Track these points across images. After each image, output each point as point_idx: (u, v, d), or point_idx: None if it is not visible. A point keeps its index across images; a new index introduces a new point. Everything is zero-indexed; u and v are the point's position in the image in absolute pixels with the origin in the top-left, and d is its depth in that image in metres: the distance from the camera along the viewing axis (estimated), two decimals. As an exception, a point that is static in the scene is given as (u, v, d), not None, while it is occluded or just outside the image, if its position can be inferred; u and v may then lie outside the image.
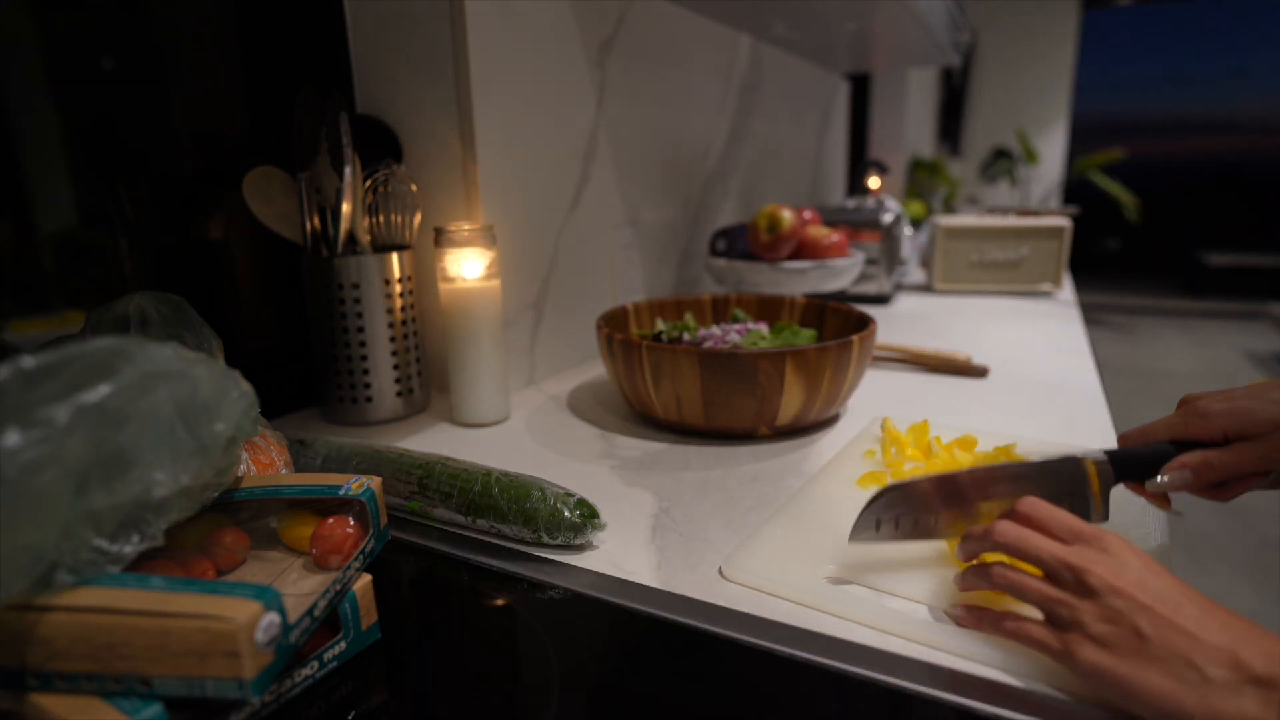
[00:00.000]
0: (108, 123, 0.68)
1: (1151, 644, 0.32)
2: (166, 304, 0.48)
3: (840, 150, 2.22)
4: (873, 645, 0.40)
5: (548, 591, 0.47)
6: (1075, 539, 0.38)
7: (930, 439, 0.64)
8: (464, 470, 0.54)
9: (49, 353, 0.29)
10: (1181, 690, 0.31)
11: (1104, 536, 0.37)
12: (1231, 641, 0.31)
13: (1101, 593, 0.34)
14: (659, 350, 0.66)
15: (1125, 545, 0.36)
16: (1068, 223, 1.42)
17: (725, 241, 1.19)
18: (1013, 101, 5.46)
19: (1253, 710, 0.30)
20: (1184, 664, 0.31)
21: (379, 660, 0.40)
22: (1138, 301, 5.34)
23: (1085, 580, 0.35)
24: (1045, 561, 0.37)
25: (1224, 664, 0.31)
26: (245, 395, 0.37)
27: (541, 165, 0.87)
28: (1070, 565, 0.36)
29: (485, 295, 0.72)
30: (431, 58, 0.77)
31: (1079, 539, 0.37)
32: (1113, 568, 0.35)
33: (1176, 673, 0.31)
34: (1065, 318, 1.23)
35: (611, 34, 0.97)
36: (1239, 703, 0.30)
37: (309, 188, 0.73)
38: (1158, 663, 0.32)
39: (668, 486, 0.60)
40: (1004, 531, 0.39)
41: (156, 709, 0.30)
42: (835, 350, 0.66)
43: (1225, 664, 0.31)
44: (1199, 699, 0.31)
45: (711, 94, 1.28)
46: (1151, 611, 0.33)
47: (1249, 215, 5.40)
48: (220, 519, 0.42)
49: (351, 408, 0.75)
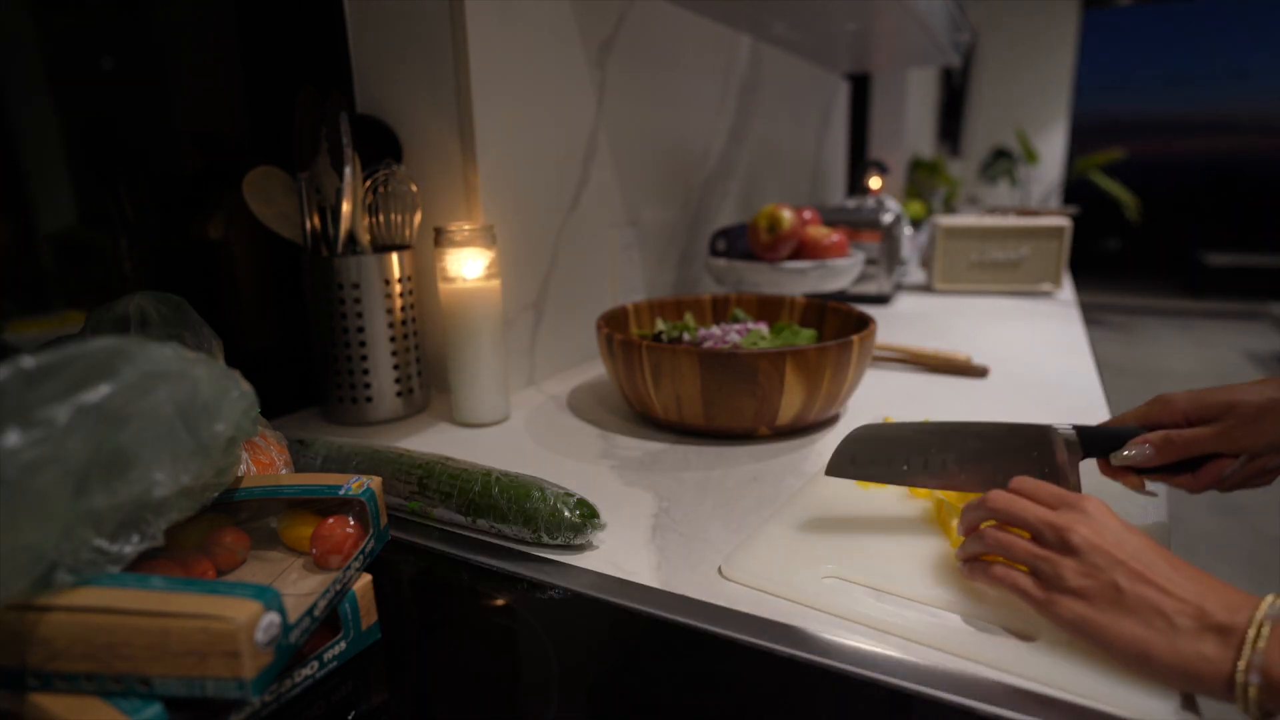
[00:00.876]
0: (108, 123, 0.68)
1: (1126, 596, 0.35)
2: (166, 304, 0.48)
3: (840, 150, 2.22)
4: (872, 645, 0.40)
5: (548, 591, 0.47)
6: (1060, 504, 0.41)
7: None
8: (464, 470, 0.54)
9: (49, 353, 0.29)
10: (1152, 637, 0.34)
11: (1085, 501, 0.40)
12: (1198, 594, 0.34)
13: (1082, 550, 0.37)
14: (659, 350, 0.66)
15: (1104, 509, 0.40)
16: (1068, 223, 1.42)
17: (725, 241, 1.19)
18: (1013, 101, 5.46)
19: (1211, 652, 0.33)
20: (1154, 614, 0.35)
21: (379, 660, 0.40)
22: (1138, 301, 5.34)
23: (1067, 539, 0.38)
24: (1031, 524, 0.40)
25: (1190, 614, 0.34)
26: (245, 395, 0.37)
27: (541, 165, 0.87)
28: (1054, 525, 0.39)
29: (485, 295, 0.72)
30: (431, 58, 0.77)
31: (1063, 504, 0.41)
32: (1093, 527, 0.38)
33: (1147, 621, 0.35)
34: (1065, 318, 1.23)
35: (611, 34, 0.97)
36: (1200, 646, 0.33)
37: (309, 188, 0.73)
38: (1131, 613, 0.35)
39: (668, 486, 0.60)
40: (995, 498, 0.43)
41: (156, 709, 0.30)
42: (835, 350, 0.66)
43: (1191, 614, 0.34)
44: (1167, 644, 0.34)
45: (711, 94, 1.28)
46: (1126, 567, 0.36)
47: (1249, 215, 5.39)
48: (220, 519, 0.42)
49: (351, 408, 0.75)
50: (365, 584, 0.41)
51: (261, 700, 0.35)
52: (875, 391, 0.85)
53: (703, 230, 1.29)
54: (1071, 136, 5.47)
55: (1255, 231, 5.32)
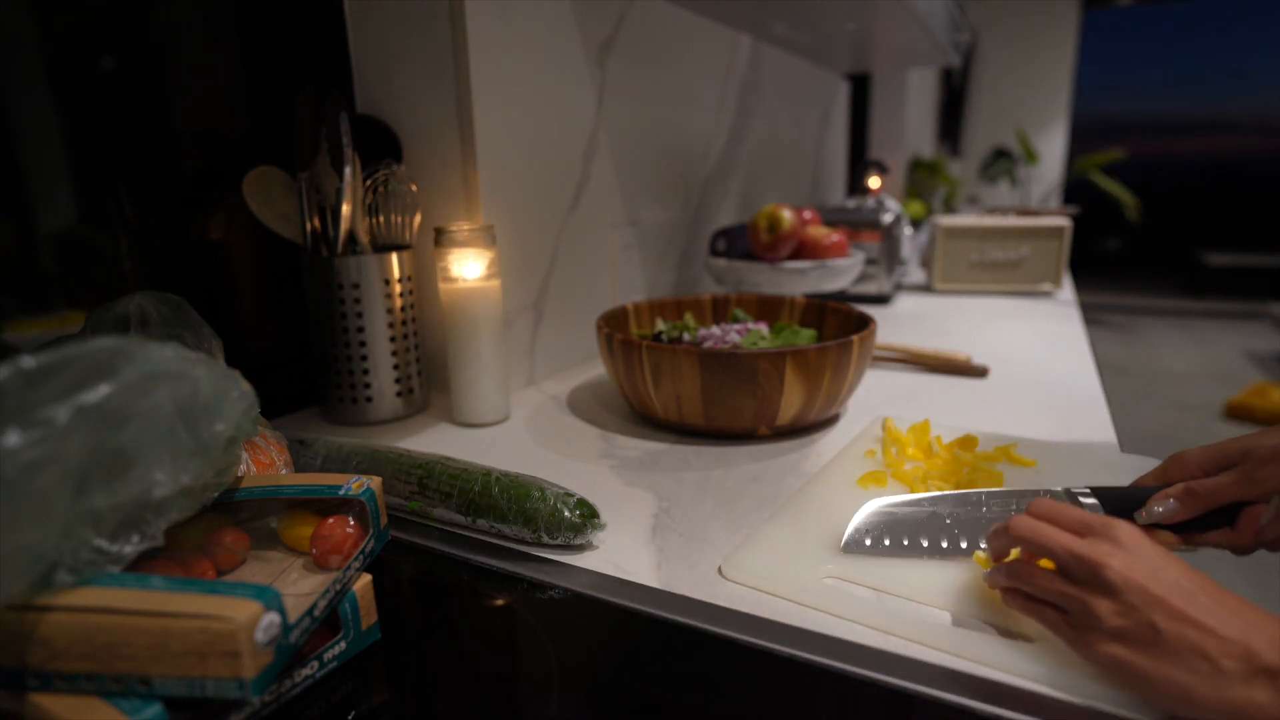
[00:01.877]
0: (108, 123, 0.68)
1: (1165, 638, 0.33)
2: (166, 304, 0.48)
3: (840, 150, 2.22)
4: (873, 645, 0.40)
5: (548, 591, 0.47)
6: (1087, 531, 0.38)
7: (931, 439, 0.64)
8: (464, 470, 0.54)
9: (49, 353, 0.29)
10: (1196, 682, 0.32)
11: (1115, 526, 0.37)
12: (1243, 631, 0.32)
13: (1116, 588, 0.34)
14: (659, 350, 0.66)
15: (1137, 535, 0.37)
16: (1068, 223, 1.42)
17: (725, 241, 1.19)
18: (1013, 101, 5.46)
19: (1264, 699, 0.30)
20: (1198, 656, 0.32)
21: (379, 660, 0.40)
22: (1138, 301, 5.34)
23: (1101, 575, 0.35)
24: (1058, 555, 0.37)
25: (1236, 655, 0.31)
26: (245, 395, 0.37)
27: (541, 165, 0.87)
28: (1083, 559, 0.36)
29: (485, 295, 0.72)
30: (431, 58, 0.77)
31: (1090, 531, 0.38)
32: (1125, 561, 0.35)
33: (1190, 665, 0.32)
34: (1065, 318, 1.23)
35: (611, 34, 0.97)
36: (1250, 693, 0.30)
37: (309, 188, 0.73)
38: (1172, 656, 0.32)
39: (668, 486, 0.60)
40: (1019, 526, 0.40)
41: (156, 709, 0.30)
42: (835, 350, 0.66)
43: (1237, 655, 0.31)
44: (1212, 690, 0.31)
45: (711, 94, 1.28)
46: (1165, 604, 0.33)
47: (1249, 215, 5.40)
48: (220, 519, 0.42)
49: (351, 408, 0.75)
50: (365, 584, 0.41)
51: (261, 700, 0.35)
52: (875, 391, 0.85)
53: (703, 230, 1.29)
54: (1071, 136, 5.47)
55: (1255, 231, 5.32)
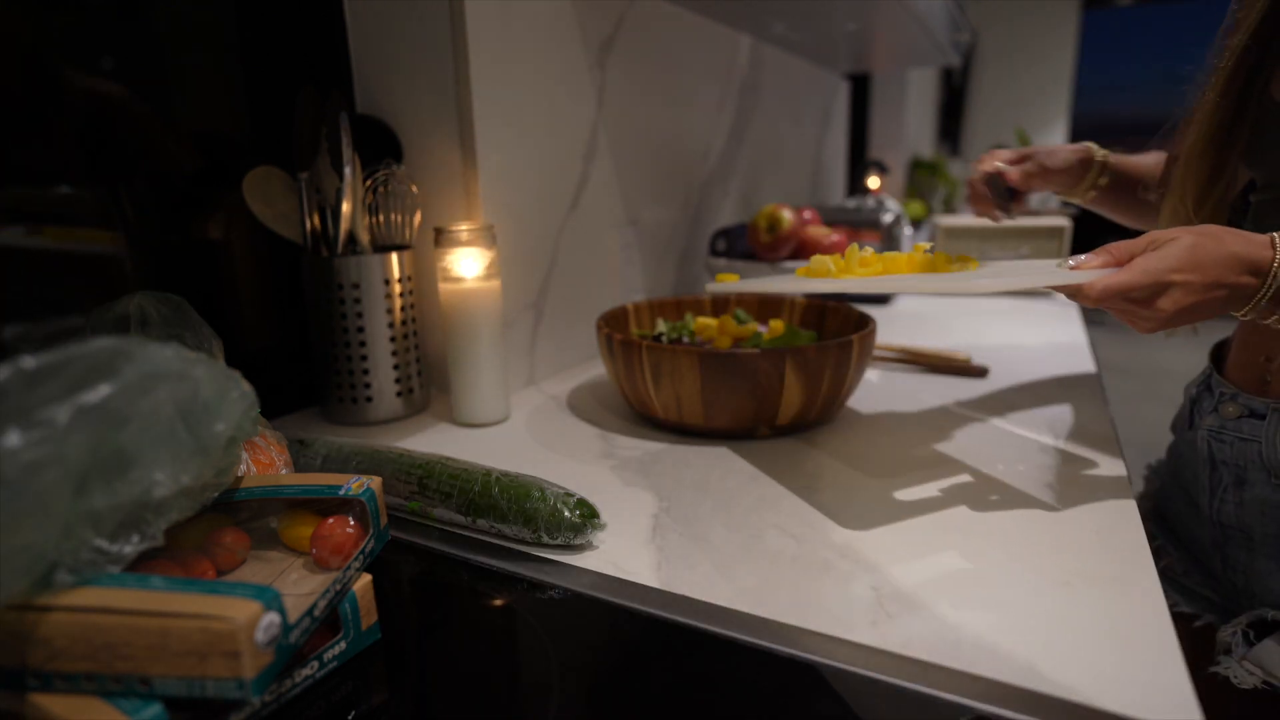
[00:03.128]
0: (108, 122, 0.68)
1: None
2: (166, 304, 0.48)
3: (840, 150, 2.22)
4: (873, 645, 0.40)
5: (548, 591, 0.47)
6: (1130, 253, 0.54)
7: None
8: (464, 470, 0.54)
9: (49, 353, 0.29)
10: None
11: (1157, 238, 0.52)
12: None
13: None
14: (659, 350, 0.66)
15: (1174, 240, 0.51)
16: (1068, 223, 1.42)
17: (725, 241, 1.19)
18: (1013, 101, 5.46)
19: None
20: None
21: (379, 660, 0.40)
22: (1138, 301, 5.33)
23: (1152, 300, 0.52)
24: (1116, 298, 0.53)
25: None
26: (245, 395, 0.37)
27: (541, 165, 0.87)
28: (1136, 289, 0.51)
29: (485, 295, 0.72)
30: (431, 58, 0.77)
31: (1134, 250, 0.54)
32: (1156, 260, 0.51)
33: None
34: (1065, 318, 1.23)
35: (611, 34, 0.97)
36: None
37: (309, 188, 0.73)
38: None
39: (668, 486, 0.60)
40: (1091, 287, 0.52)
41: (156, 709, 0.30)
42: (835, 350, 0.66)
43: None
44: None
45: (711, 94, 1.28)
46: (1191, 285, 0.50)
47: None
48: (220, 519, 0.42)
49: (351, 408, 0.75)
50: (365, 584, 0.41)
51: (261, 700, 0.35)
52: (875, 391, 0.85)
53: (703, 230, 1.29)
54: (1071, 136, 5.46)
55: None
